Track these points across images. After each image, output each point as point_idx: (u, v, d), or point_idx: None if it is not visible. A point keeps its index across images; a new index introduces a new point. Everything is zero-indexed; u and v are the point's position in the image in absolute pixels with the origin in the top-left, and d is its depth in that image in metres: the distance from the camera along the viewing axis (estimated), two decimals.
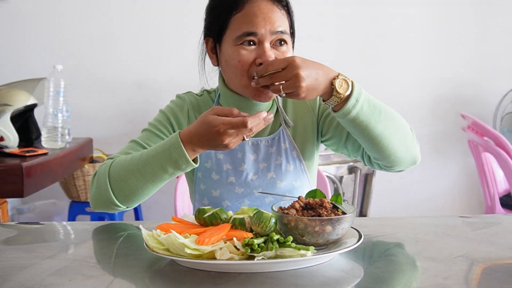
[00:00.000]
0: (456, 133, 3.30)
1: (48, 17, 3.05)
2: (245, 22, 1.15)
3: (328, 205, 0.96)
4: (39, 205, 3.03)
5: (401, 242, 1.06)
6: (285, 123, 1.28)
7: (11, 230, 1.19)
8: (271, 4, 1.17)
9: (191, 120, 1.28)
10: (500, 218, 1.39)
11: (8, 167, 1.77)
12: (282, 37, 1.17)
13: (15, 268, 0.90)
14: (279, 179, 1.25)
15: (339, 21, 3.24)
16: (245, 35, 1.15)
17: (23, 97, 2.15)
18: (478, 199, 3.37)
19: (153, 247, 0.90)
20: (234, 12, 1.17)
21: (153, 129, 1.25)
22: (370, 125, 1.08)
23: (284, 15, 1.19)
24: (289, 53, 1.19)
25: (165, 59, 3.09)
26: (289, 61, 1.02)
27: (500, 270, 0.90)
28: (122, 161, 1.13)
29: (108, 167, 1.14)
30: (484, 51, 3.31)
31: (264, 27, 1.14)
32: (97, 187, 1.14)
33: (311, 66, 1.03)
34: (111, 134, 3.09)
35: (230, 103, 1.25)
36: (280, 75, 1.02)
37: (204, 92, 1.33)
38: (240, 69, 1.16)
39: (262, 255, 0.86)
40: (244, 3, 1.16)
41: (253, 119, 1.01)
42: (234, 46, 1.16)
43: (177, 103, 1.30)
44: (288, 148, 1.26)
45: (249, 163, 1.25)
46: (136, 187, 1.10)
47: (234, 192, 1.24)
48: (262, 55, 1.14)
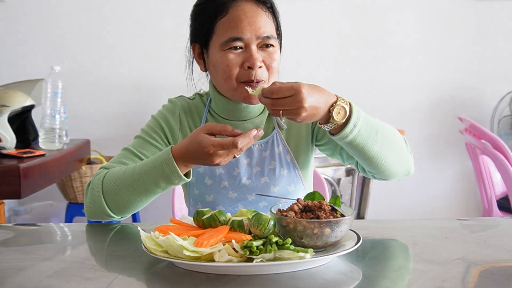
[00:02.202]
0: (454, 136, 3.30)
1: (46, 18, 3.05)
2: (231, 27, 1.15)
3: (327, 207, 0.96)
4: (36, 207, 3.02)
5: (399, 244, 1.06)
6: (279, 126, 1.27)
7: (8, 232, 1.19)
8: (255, 6, 1.16)
9: (183, 125, 1.28)
10: (497, 221, 1.40)
11: (5, 168, 1.77)
12: (269, 42, 1.17)
13: (12, 270, 0.90)
14: (273, 184, 1.24)
15: (337, 24, 3.25)
16: (231, 40, 1.15)
17: (21, 98, 2.14)
18: (475, 201, 3.38)
19: (151, 249, 0.89)
20: (219, 17, 1.16)
21: (145, 136, 1.26)
22: (367, 147, 1.09)
23: (270, 17, 1.19)
24: (277, 55, 1.19)
25: (163, 61, 3.09)
26: (295, 90, 0.99)
27: (497, 272, 0.90)
28: (115, 174, 1.14)
29: (101, 179, 1.15)
30: (481, 54, 3.32)
31: (249, 32, 1.15)
32: (91, 198, 1.16)
33: (315, 96, 1.00)
34: (108, 135, 3.09)
35: (220, 107, 1.25)
36: (284, 102, 0.99)
37: (196, 96, 1.33)
38: (228, 73, 1.17)
39: (260, 257, 0.86)
40: (228, 8, 1.16)
41: (243, 139, 1.02)
42: (221, 51, 1.17)
43: (169, 108, 1.30)
44: (281, 152, 1.25)
45: (242, 167, 1.24)
46: (129, 200, 1.13)
47: (228, 197, 1.24)
48: (249, 58, 1.15)
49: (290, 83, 1.01)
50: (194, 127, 1.28)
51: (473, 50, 3.32)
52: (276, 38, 1.20)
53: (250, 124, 1.25)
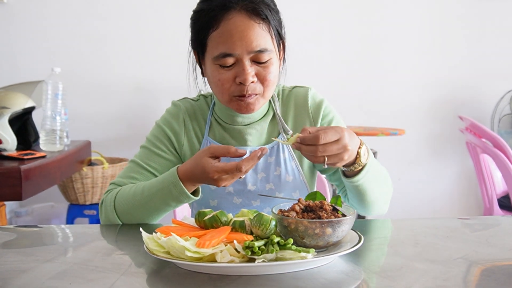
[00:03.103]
0: (454, 135, 3.31)
1: (46, 19, 3.05)
2: (222, 42, 1.12)
3: (328, 207, 0.96)
4: (37, 208, 3.02)
5: (400, 244, 1.06)
6: (284, 132, 1.26)
7: (9, 233, 1.19)
8: (247, 19, 1.11)
9: (187, 128, 1.27)
10: (498, 220, 1.40)
11: (6, 170, 1.77)
12: (261, 55, 1.12)
13: (14, 271, 0.90)
14: (278, 190, 1.24)
15: (336, 24, 3.25)
16: (222, 56, 1.12)
17: (21, 100, 2.15)
18: (476, 200, 3.38)
19: (153, 250, 0.89)
20: (211, 30, 1.13)
21: (151, 146, 1.26)
22: (368, 191, 1.14)
23: (264, 29, 1.13)
24: (274, 67, 1.15)
25: (163, 62, 3.09)
26: (340, 134, 0.99)
27: (499, 271, 0.90)
28: (125, 195, 1.17)
29: (113, 199, 1.19)
30: (481, 53, 3.32)
31: (240, 47, 1.11)
32: (106, 216, 1.21)
33: (352, 137, 1.02)
34: (109, 137, 3.09)
35: (223, 111, 1.25)
36: (330, 148, 0.98)
37: (200, 97, 1.32)
38: (221, 88, 1.16)
39: (262, 257, 0.86)
40: (219, 21, 1.12)
41: (247, 162, 1.02)
42: (213, 65, 1.15)
43: (172, 113, 1.29)
44: (287, 158, 1.25)
45: (247, 173, 1.23)
46: (143, 218, 1.17)
47: (232, 202, 1.24)
48: (241, 73, 1.12)
49: (332, 127, 1.01)
50: (199, 130, 1.28)
51: (473, 49, 3.33)
52: (273, 49, 1.15)
53: (253, 129, 1.25)
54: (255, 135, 1.25)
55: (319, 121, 1.27)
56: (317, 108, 1.27)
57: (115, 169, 2.74)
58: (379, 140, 3.19)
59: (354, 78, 3.24)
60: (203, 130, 1.28)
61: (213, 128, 1.27)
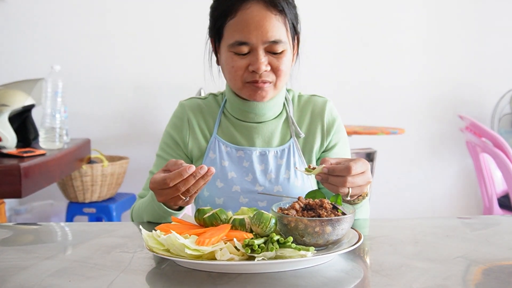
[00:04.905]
0: (454, 134, 3.31)
1: (46, 17, 3.05)
2: (238, 30, 1.15)
3: (328, 205, 0.96)
4: (36, 206, 3.03)
5: (400, 243, 1.06)
6: (296, 135, 1.27)
7: (8, 231, 1.19)
8: (264, 10, 1.15)
9: (192, 126, 1.28)
10: (498, 219, 1.40)
11: (6, 168, 1.77)
12: (276, 46, 1.16)
13: (13, 269, 0.90)
14: (285, 193, 1.23)
15: (337, 23, 3.25)
16: (237, 44, 1.16)
17: (21, 97, 2.14)
18: (476, 200, 3.38)
19: (153, 248, 0.89)
20: (228, 18, 1.17)
21: (163, 154, 1.30)
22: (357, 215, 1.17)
23: (280, 20, 1.17)
24: (287, 58, 1.19)
25: (163, 60, 3.09)
26: (366, 167, 1.00)
27: (499, 271, 0.90)
28: (136, 210, 1.26)
29: (130, 214, 1.31)
30: (482, 52, 3.32)
31: (255, 37, 1.14)
32: None
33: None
34: (109, 134, 3.09)
35: (235, 108, 1.26)
36: (358, 179, 0.99)
37: (209, 96, 1.34)
38: (234, 74, 1.18)
39: (262, 255, 0.86)
40: (237, 10, 1.15)
41: (174, 178, 0.98)
42: (228, 52, 1.18)
43: (177, 115, 1.31)
44: (297, 162, 1.25)
45: (255, 173, 1.24)
46: None
47: (238, 202, 1.23)
48: (255, 62, 1.15)
49: (358, 159, 1.01)
50: (205, 126, 1.29)
51: (473, 48, 3.32)
52: (287, 41, 1.19)
53: (265, 127, 1.26)
54: (264, 136, 1.26)
55: (331, 135, 1.29)
56: (332, 122, 1.29)
57: (115, 167, 2.74)
58: (379, 139, 3.20)
59: (353, 77, 3.24)
60: (211, 128, 1.28)
61: (222, 126, 1.28)
